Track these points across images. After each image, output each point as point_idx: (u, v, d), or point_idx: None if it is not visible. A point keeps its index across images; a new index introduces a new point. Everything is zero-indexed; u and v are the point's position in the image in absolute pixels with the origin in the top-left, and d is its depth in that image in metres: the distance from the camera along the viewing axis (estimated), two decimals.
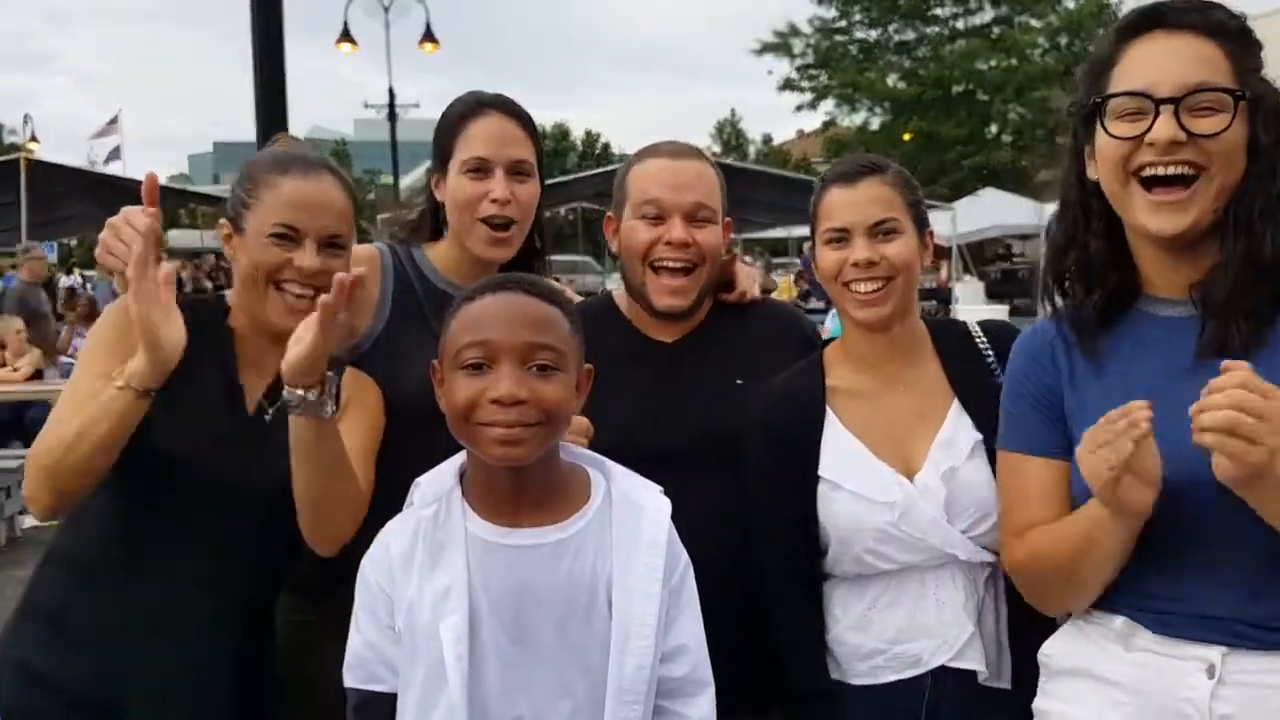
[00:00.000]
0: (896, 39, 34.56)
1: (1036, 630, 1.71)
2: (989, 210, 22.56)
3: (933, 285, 18.82)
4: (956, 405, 1.81)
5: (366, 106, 28.96)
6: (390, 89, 23.26)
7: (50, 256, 20.30)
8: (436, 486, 1.52)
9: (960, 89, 32.35)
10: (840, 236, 1.82)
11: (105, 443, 1.60)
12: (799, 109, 35.26)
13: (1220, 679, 1.35)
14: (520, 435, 1.41)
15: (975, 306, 16.81)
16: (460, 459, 1.55)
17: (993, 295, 20.81)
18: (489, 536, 1.48)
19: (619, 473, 1.59)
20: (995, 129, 32.70)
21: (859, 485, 1.77)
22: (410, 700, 1.45)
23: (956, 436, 1.78)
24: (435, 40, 20.53)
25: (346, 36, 19.95)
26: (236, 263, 1.79)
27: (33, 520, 5.98)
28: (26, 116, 28.22)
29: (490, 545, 1.47)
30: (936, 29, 34.24)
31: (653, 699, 1.47)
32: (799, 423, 1.84)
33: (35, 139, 27.12)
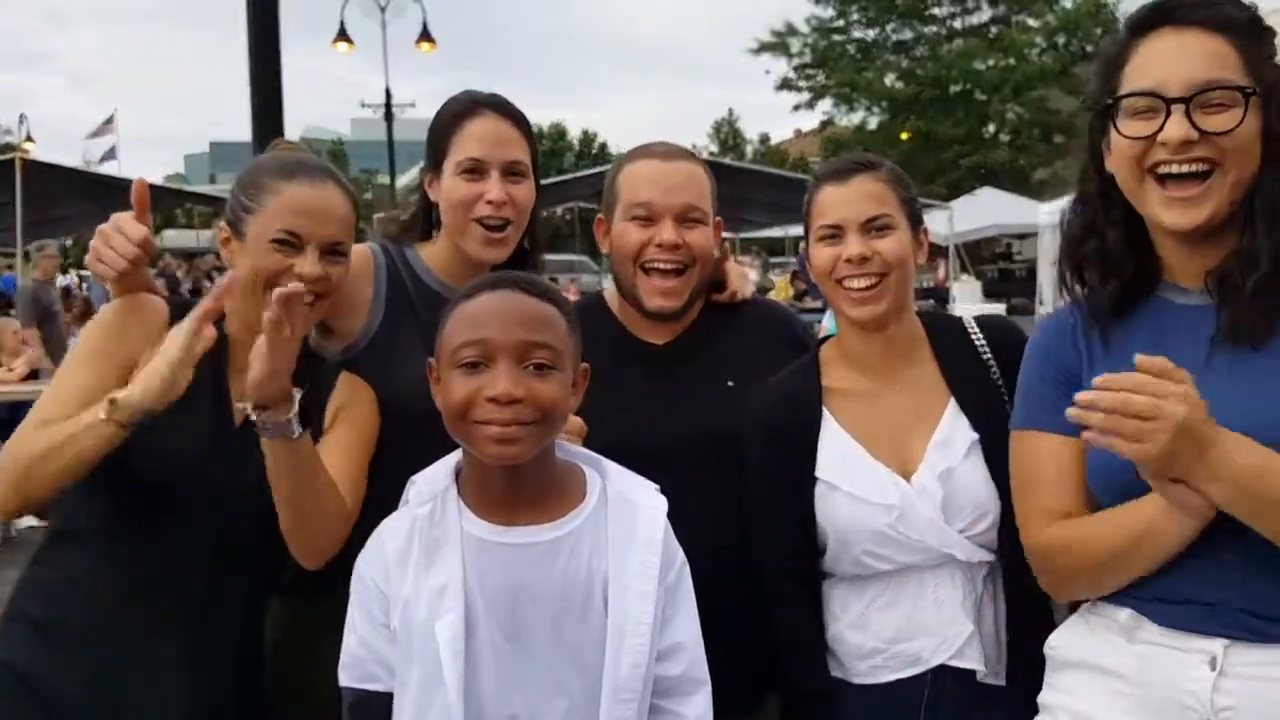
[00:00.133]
0: (894, 38, 34.61)
1: (1034, 627, 1.71)
2: (986, 210, 22.57)
3: (930, 285, 18.82)
4: (953, 404, 1.81)
5: (363, 106, 29.01)
6: (387, 89, 23.28)
7: None
8: (432, 485, 1.52)
9: (958, 88, 32.40)
10: (833, 233, 1.82)
11: (75, 467, 1.59)
12: (796, 108, 35.36)
13: (1222, 671, 1.35)
14: (516, 434, 1.41)
15: (972, 306, 16.79)
16: (456, 457, 1.55)
17: (990, 294, 20.80)
18: (484, 535, 1.47)
19: (615, 471, 1.58)
20: (993, 128, 32.75)
21: (856, 487, 1.77)
22: (407, 700, 1.45)
23: (953, 436, 1.78)
24: (432, 40, 20.51)
25: (343, 36, 19.91)
26: (234, 267, 1.78)
27: (29, 520, 5.97)
28: (22, 116, 28.27)
29: (486, 544, 1.47)
30: (934, 28, 34.30)
31: (648, 697, 1.47)
32: (796, 423, 1.83)
33: (31, 139, 27.09)
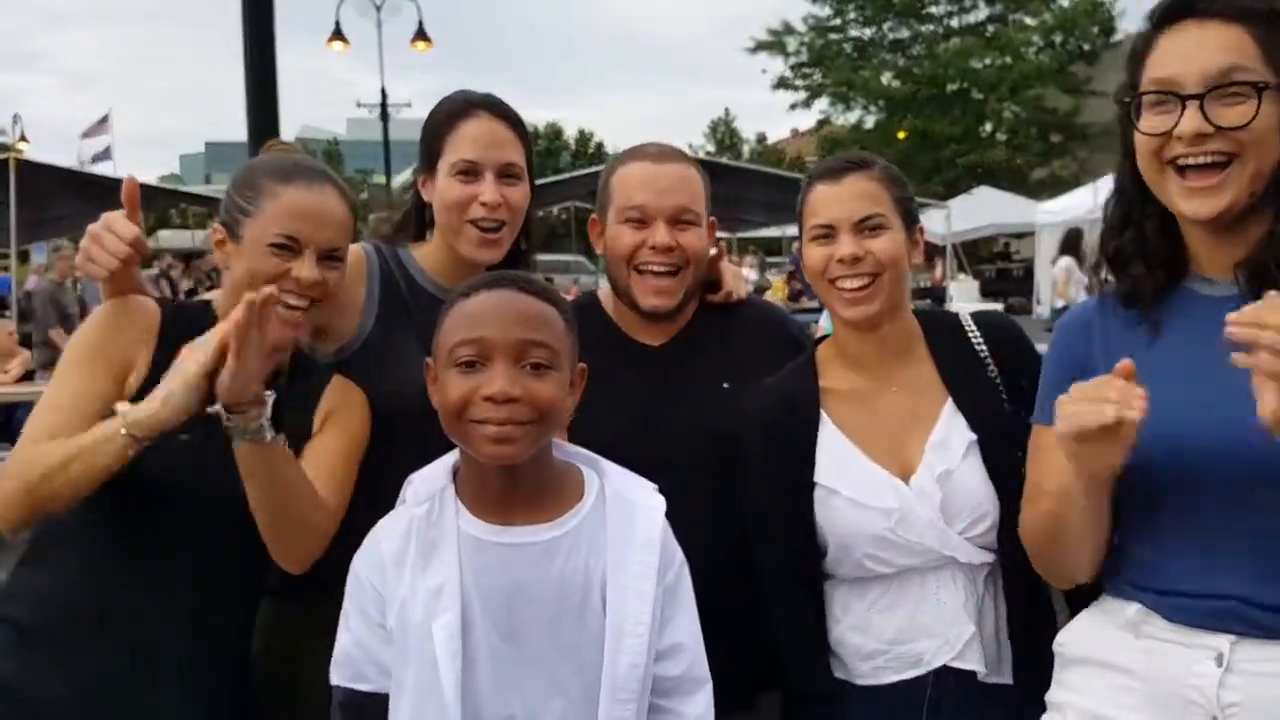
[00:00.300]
0: (891, 37, 34.63)
1: (1036, 626, 1.72)
2: (983, 209, 22.60)
3: (927, 284, 18.82)
4: (950, 404, 1.80)
5: (359, 106, 29.03)
6: (382, 88, 23.28)
7: (40, 257, 20.24)
8: (429, 484, 1.51)
9: (954, 87, 32.41)
10: (826, 233, 1.81)
11: (90, 481, 1.57)
12: (793, 107, 35.36)
13: (1228, 667, 1.35)
14: (513, 433, 1.41)
15: (969, 305, 16.75)
16: (453, 457, 1.54)
17: (987, 294, 20.82)
18: (482, 535, 1.47)
19: (613, 471, 1.58)
20: (989, 127, 32.76)
21: (855, 490, 1.76)
22: (404, 700, 1.44)
23: (951, 437, 1.77)
24: (427, 39, 20.47)
25: (338, 35, 19.88)
26: (229, 269, 1.76)
27: None
28: (16, 116, 28.19)
29: (483, 543, 1.46)
30: (931, 27, 34.32)
31: (647, 697, 1.47)
32: (794, 425, 1.83)
33: (25, 139, 27.04)
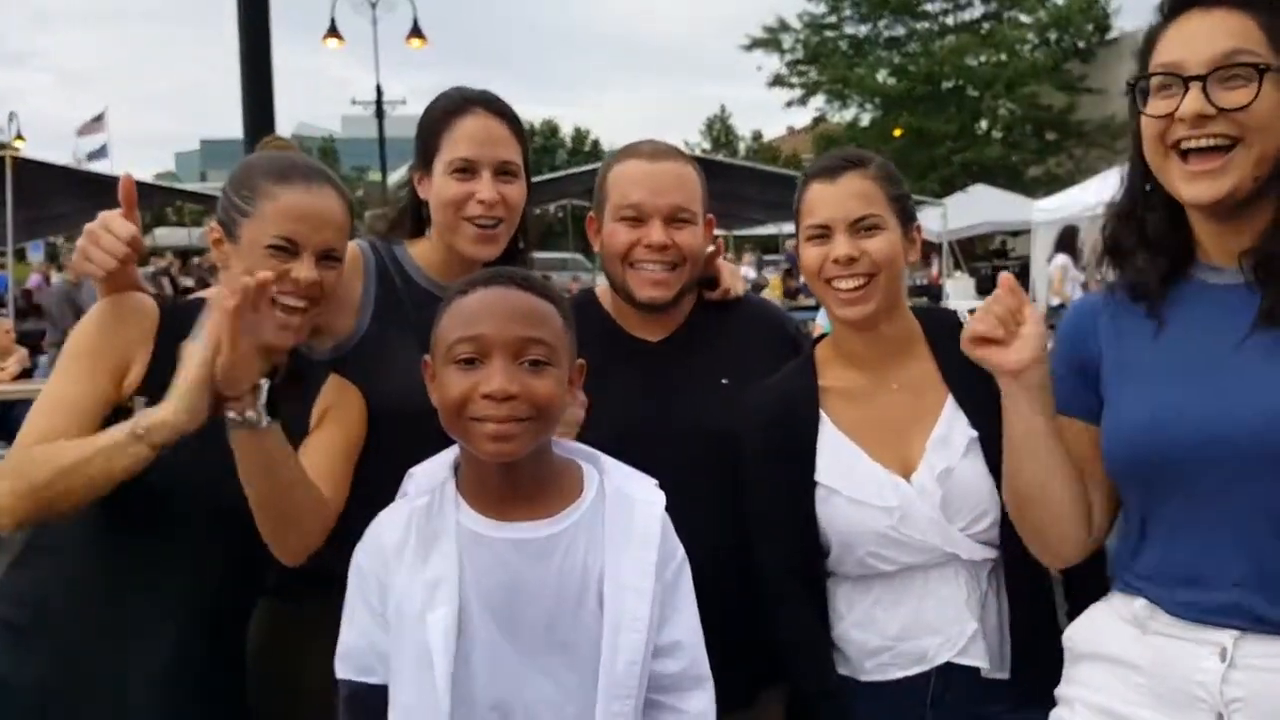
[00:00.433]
0: (886, 34, 34.54)
1: (1038, 622, 1.73)
2: (979, 206, 22.56)
3: (924, 282, 18.83)
4: (951, 402, 1.80)
5: (354, 103, 28.85)
6: (378, 85, 23.21)
7: (37, 255, 20.20)
8: (430, 478, 1.52)
9: (950, 84, 32.37)
10: (822, 233, 1.81)
11: (103, 485, 1.56)
12: (789, 105, 35.24)
13: (1232, 662, 1.36)
14: (512, 430, 1.41)
15: (966, 303, 16.79)
16: (454, 451, 1.54)
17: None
18: (481, 529, 1.47)
19: (612, 467, 1.58)
20: (985, 125, 32.72)
21: (856, 490, 1.76)
22: (399, 690, 1.45)
23: (951, 435, 1.77)
24: (423, 36, 20.41)
25: (334, 32, 19.84)
26: (227, 268, 1.76)
27: None
28: (12, 114, 28.10)
29: (481, 538, 1.47)
30: (926, 24, 34.25)
31: (644, 693, 1.47)
32: (795, 424, 1.83)
33: (21, 137, 26.97)
